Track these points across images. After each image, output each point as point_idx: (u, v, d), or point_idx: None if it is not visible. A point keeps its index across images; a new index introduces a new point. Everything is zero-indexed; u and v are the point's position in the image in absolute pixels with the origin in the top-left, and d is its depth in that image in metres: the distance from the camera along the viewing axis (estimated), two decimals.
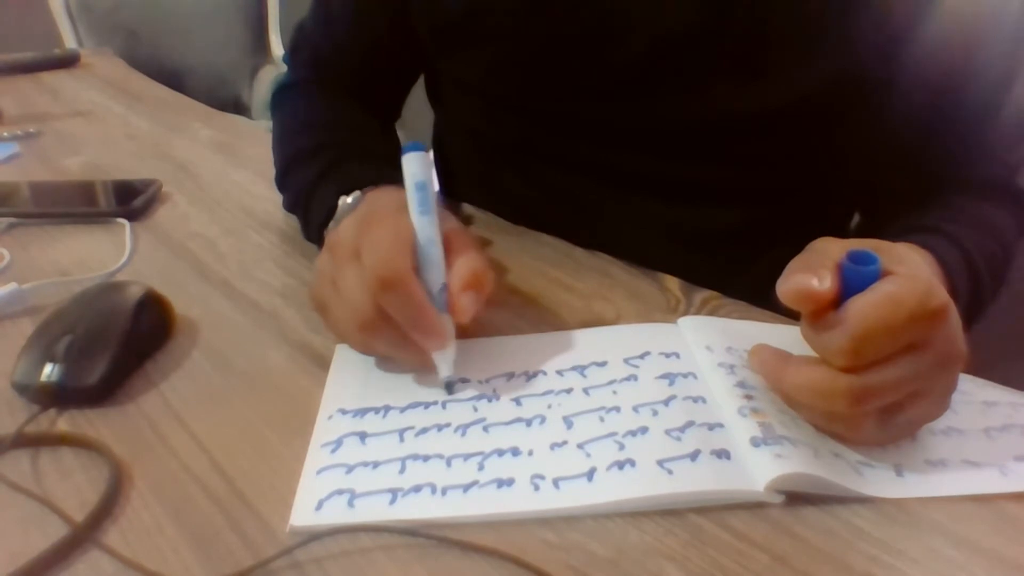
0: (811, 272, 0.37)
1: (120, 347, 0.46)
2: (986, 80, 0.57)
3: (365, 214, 0.45)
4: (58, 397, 0.44)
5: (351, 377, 0.46)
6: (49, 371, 0.44)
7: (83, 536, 0.35)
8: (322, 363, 0.48)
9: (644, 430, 0.40)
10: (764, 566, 0.34)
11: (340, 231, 0.45)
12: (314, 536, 0.35)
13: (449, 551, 0.34)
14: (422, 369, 0.45)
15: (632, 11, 0.56)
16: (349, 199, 0.53)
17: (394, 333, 0.42)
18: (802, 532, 0.35)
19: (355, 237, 0.43)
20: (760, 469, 0.37)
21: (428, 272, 0.43)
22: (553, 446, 0.39)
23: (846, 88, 0.56)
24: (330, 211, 0.54)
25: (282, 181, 0.67)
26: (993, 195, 0.60)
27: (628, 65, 0.58)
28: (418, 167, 0.44)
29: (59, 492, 0.38)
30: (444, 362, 0.44)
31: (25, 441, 0.41)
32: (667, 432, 0.40)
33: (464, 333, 0.46)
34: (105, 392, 0.44)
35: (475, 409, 0.42)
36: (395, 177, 0.46)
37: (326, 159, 0.61)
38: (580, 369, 0.45)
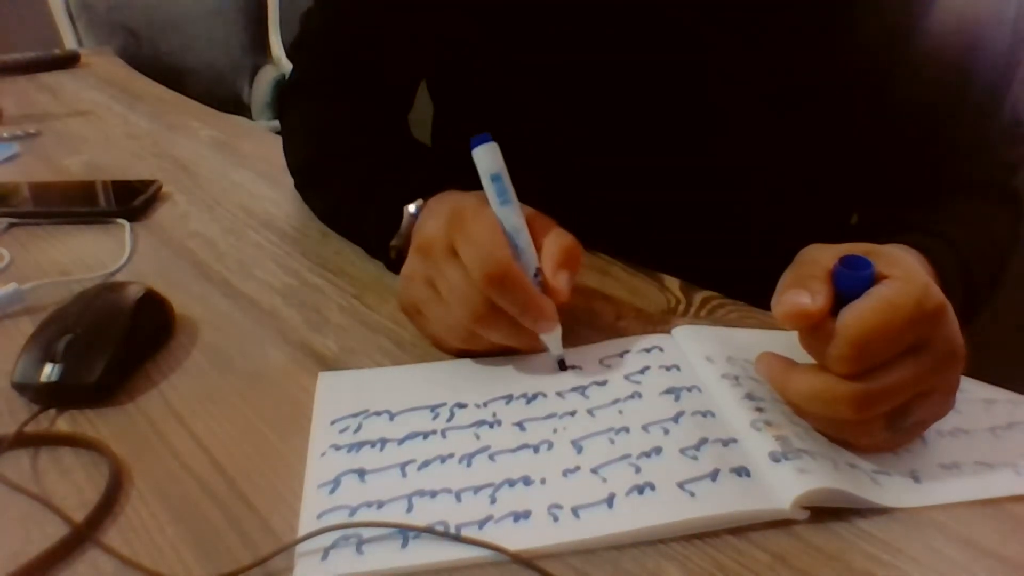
0: (803, 288, 0.37)
1: (120, 347, 0.46)
2: (984, 80, 0.57)
3: (451, 213, 0.45)
4: (58, 397, 0.44)
5: (338, 408, 0.43)
6: (49, 371, 0.44)
7: (83, 535, 0.35)
8: (322, 363, 0.48)
9: (658, 450, 0.39)
10: (764, 565, 0.34)
11: (428, 232, 0.45)
12: (314, 534, 0.34)
13: (448, 547, 0.34)
14: (529, 352, 0.46)
15: None
16: (412, 207, 0.52)
17: (505, 323, 0.43)
18: (802, 531, 0.35)
19: (447, 235, 0.43)
20: (784, 485, 0.36)
21: (521, 259, 0.44)
22: (566, 472, 0.38)
23: (845, 85, 0.56)
24: (392, 220, 0.54)
25: (310, 185, 0.67)
26: (989, 195, 0.60)
27: (632, 42, 0.58)
28: (490, 159, 0.44)
29: (59, 491, 0.38)
30: (554, 341, 0.45)
31: (25, 441, 0.41)
32: (682, 451, 0.39)
33: (564, 307, 0.46)
34: (105, 392, 0.44)
35: (477, 437, 0.41)
36: (448, 179, 0.48)
37: (368, 164, 0.60)
38: (581, 389, 0.44)
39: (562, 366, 0.45)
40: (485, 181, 0.44)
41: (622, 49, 0.59)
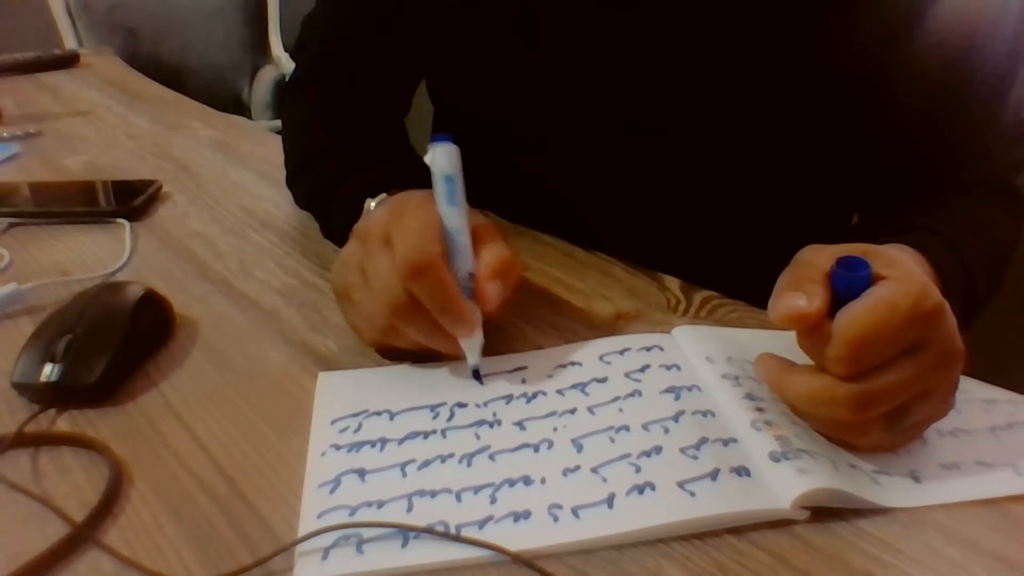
0: (799, 290, 0.37)
1: (120, 347, 0.46)
2: (984, 81, 0.57)
3: (395, 204, 0.45)
4: (58, 397, 0.44)
5: (338, 408, 0.43)
6: (49, 371, 0.44)
7: (83, 535, 0.35)
8: (322, 363, 0.48)
9: (658, 450, 0.39)
10: (764, 565, 0.34)
11: (369, 220, 0.45)
12: (314, 534, 0.34)
13: (448, 547, 0.34)
14: (448, 357, 0.45)
15: None
16: (374, 202, 0.53)
17: (424, 320, 0.43)
18: (802, 531, 0.35)
19: (385, 225, 0.43)
20: (784, 485, 0.36)
21: (455, 261, 0.44)
22: (566, 472, 0.38)
23: (844, 86, 0.56)
24: (355, 212, 0.54)
25: (295, 178, 0.67)
26: (990, 196, 0.60)
27: (628, 45, 0.58)
28: (446, 159, 0.44)
29: (59, 491, 0.38)
30: (472, 350, 0.44)
31: (25, 441, 0.41)
32: (682, 451, 0.39)
33: (491, 319, 0.45)
34: (105, 392, 0.44)
35: (477, 436, 0.41)
36: (417, 178, 0.47)
37: (344, 160, 0.61)
38: (581, 387, 0.44)
39: (477, 377, 0.45)
40: (436, 179, 0.44)
41: (619, 52, 0.59)
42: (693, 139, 0.60)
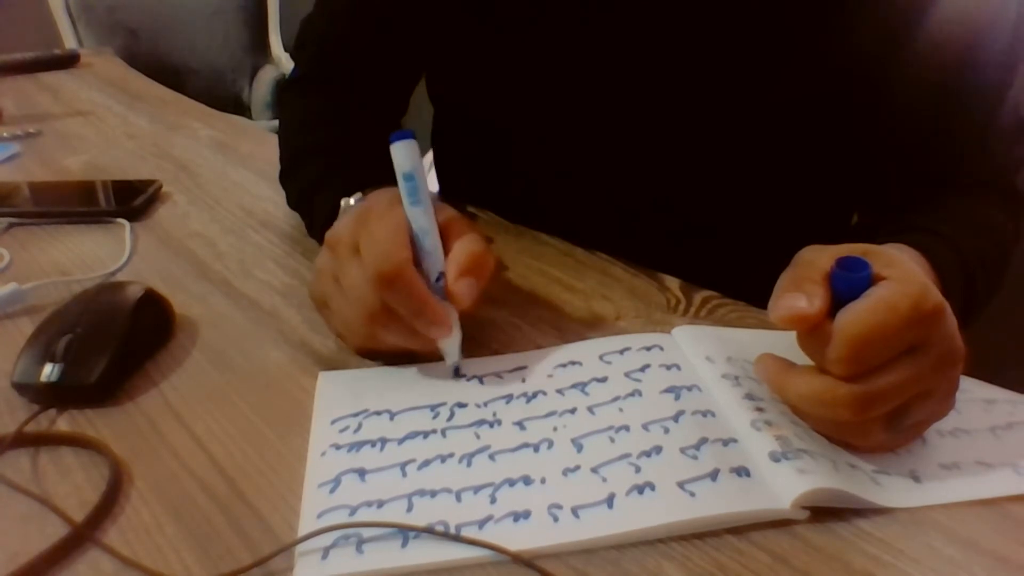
0: (799, 291, 0.37)
1: (120, 347, 0.46)
2: (984, 81, 0.57)
3: (362, 210, 0.45)
4: (58, 397, 0.44)
5: (338, 408, 0.43)
6: (49, 371, 0.44)
7: (83, 535, 0.35)
8: (322, 363, 0.48)
9: (658, 449, 0.39)
10: (764, 565, 0.34)
11: (338, 228, 0.45)
12: (314, 534, 0.34)
13: (448, 547, 0.34)
14: (428, 356, 0.45)
15: None
16: (351, 200, 0.53)
17: (400, 324, 0.43)
18: (802, 531, 0.35)
19: (353, 232, 0.44)
20: (784, 485, 0.36)
21: (425, 261, 0.44)
22: (566, 471, 0.38)
23: (844, 86, 0.56)
24: (332, 212, 0.54)
25: (285, 178, 0.67)
26: (990, 196, 0.60)
27: (628, 46, 0.58)
28: (405, 157, 0.43)
29: (59, 491, 0.38)
30: (450, 349, 0.44)
31: (25, 441, 0.41)
32: (682, 451, 0.39)
33: (470, 314, 0.45)
34: (105, 391, 0.44)
35: (477, 436, 0.41)
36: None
37: (328, 159, 0.61)
38: (581, 387, 0.44)
39: (456, 375, 0.45)
40: (398, 179, 0.44)
41: (619, 53, 0.59)
42: (693, 139, 0.60)
